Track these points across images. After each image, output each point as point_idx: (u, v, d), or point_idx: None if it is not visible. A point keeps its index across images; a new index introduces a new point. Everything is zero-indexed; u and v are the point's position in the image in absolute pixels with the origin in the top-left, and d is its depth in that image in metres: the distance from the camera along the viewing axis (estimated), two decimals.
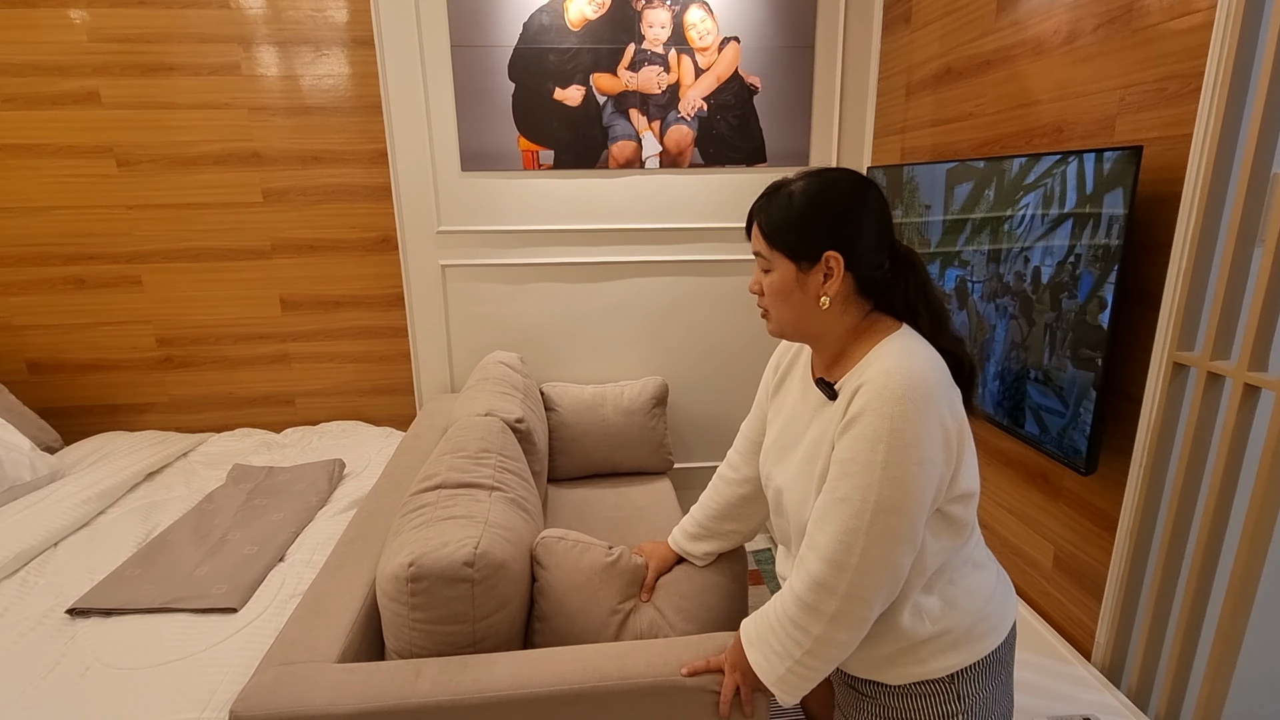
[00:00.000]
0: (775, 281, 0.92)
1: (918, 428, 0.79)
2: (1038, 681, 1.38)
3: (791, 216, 0.89)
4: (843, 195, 0.89)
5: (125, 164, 2.35)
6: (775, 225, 0.90)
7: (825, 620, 0.84)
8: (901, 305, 0.93)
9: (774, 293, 0.92)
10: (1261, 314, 1.08)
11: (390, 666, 1.08)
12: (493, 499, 1.34)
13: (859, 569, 0.81)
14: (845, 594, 0.82)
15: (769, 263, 0.92)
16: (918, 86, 2.12)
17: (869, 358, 0.87)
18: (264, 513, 1.84)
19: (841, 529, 0.81)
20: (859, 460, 0.80)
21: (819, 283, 0.89)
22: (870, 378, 0.83)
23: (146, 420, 2.59)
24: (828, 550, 0.82)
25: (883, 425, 0.79)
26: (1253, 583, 1.12)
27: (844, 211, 0.88)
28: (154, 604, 1.45)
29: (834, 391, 0.90)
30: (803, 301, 0.91)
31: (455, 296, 2.48)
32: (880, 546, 0.80)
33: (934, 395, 0.81)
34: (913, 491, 0.80)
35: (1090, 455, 1.33)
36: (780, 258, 0.91)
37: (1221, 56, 1.11)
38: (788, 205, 0.90)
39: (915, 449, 0.79)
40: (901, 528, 0.80)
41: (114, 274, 2.44)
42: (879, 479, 0.79)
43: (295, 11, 2.29)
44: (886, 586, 0.83)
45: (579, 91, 2.32)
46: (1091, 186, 1.29)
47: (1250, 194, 1.10)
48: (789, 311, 0.92)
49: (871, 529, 0.80)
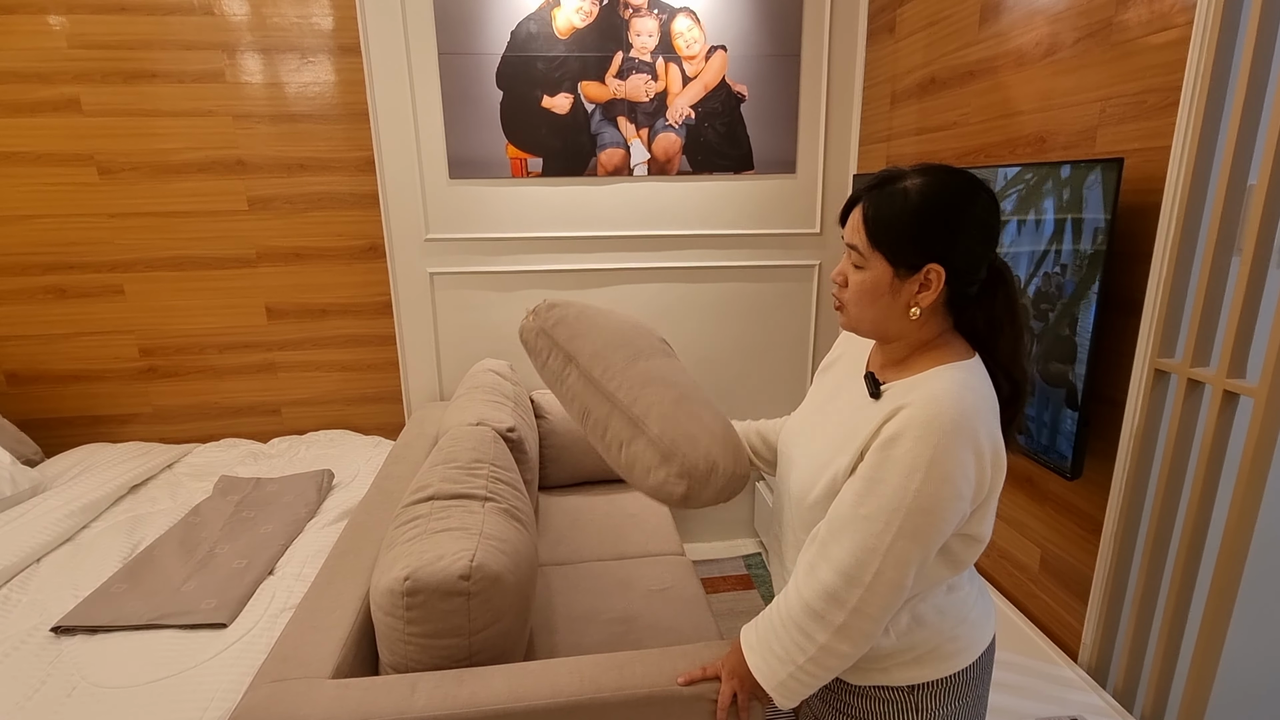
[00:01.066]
0: (866, 281, 0.85)
1: (957, 463, 0.78)
2: (1025, 683, 1.40)
3: (903, 218, 0.82)
4: (960, 203, 0.81)
5: (107, 172, 2.32)
6: (883, 222, 0.83)
7: (831, 631, 0.84)
8: (983, 323, 0.87)
9: (862, 292, 0.86)
10: (1239, 322, 1.10)
11: (386, 682, 1.07)
12: (486, 510, 1.34)
13: (871, 587, 0.81)
14: (854, 609, 0.82)
15: (864, 260, 0.85)
16: (902, 95, 2.15)
17: (924, 376, 0.84)
18: (252, 525, 1.83)
19: (860, 546, 0.81)
20: (891, 483, 0.79)
21: (912, 292, 0.84)
22: (918, 401, 0.80)
23: (130, 431, 2.55)
24: (844, 564, 0.82)
25: (924, 454, 0.77)
26: (1233, 584, 1.14)
27: (957, 222, 0.81)
28: (141, 620, 1.43)
29: (879, 391, 0.88)
30: (890, 306, 0.85)
31: (444, 304, 2.47)
32: (895, 569, 0.80)
33: (979, 435, 0.79)
34: (937, 523, 0.79)
35: (1075, 460, 1.36)
36: (879, 259, 0.84)
37: (1199, 70, 1.14)
38: (901, 203, 0.82)
39: (950, 484, 0.78)
40: (918, 555, 0.80)
41: (95, 283, 2.41)
42: (909, 505, 0.78)
43: (280, 18, 2.27)
44: (893, 607, 0.83)
45: (567, 99, 2.32)
46: (1074, 197, 1.31)
47: (1228, 204, 1.13)
48: (872, 313, 0.87)
49: (890, 551, 0.80)
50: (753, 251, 2.54)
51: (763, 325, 2.62)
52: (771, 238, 2.53)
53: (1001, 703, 1.35)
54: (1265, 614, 1.32)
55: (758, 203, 2.49)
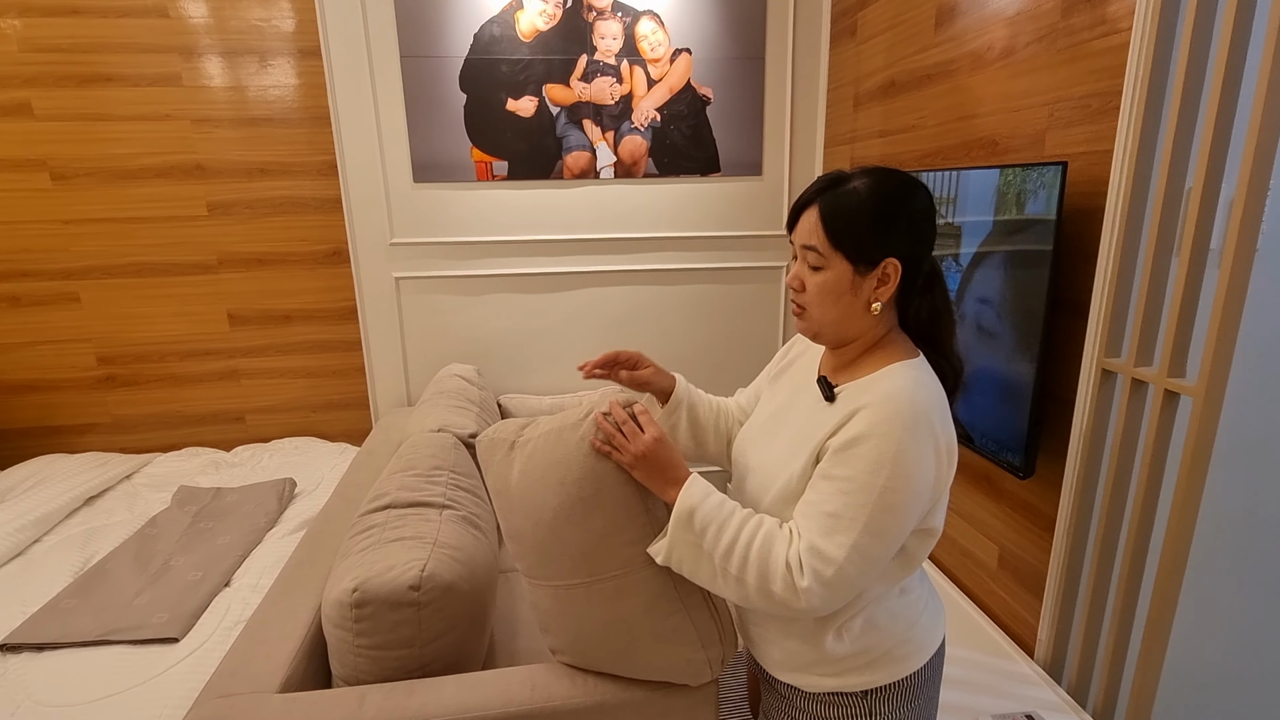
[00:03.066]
0: (827, 281, 0.85)
1: (918, 459, 0.79)
2: (983, 679, 1.42)
3: (861, 215, 0.83)
4: (912, 200, 0.84)
5: (60, 177, 2.27)
6: (841, 222, 0.83)
7: (764, 598, 0.82)
8: (928, 314, 0.90)
9: (823, 293, 0.86)
10: (1178, 323, 1.13)
11: (334, 694, 1.06)
12: (444, 518, 1.33)
13: (830, 583, 0.80)
14: (801, 594, 0.81)
15: (823, 260, 0.85)
16: (865, 98, 2.17)
17: (877, 376, 0.85)
18: (210, 536, 1.79)
19: (829, 542, 0.80)
20: (858, 480, 0.79)
21: (872, 287, 0.85)
22: (876, 400, 0.81)
23: (88, 442, 2.50)
24: (805, 556, 0.81)
25: (888, 450, 0.78)
26: (1177, 578, 1.16)
27: (912, 217, 0.84)
28: (90, 636, 1.40)
29: (832, 394, 0.89)
30: (852, 304, 0.86)
31: (410, 309, 2.45)
32: (856, 567, 0.80)
33: (936, 430, 0.81)
34: (900, 520, 0.80)
35: (1028, 460, 1.38)
36: (839, 258, 0.84)
37: (1138, 75, 1.16)
38: (857, 202, 0.83)
39: (912, 480, 0.79)
40: (880, 553, 0.80)
41: (50, 291, 2.35)
42: (874, 503, 0.78)
43: (238, 21, 2.24)
44: (839, 603, 0.83)
45: (532, 102, 2.31)
46: (1022, 199, 1.33)
47: (1166, 207, 1.15)
48: (834, 313, 0.87)
49: (855, 549, 0.79)
50: (720, 253, 2.55)
51: (731, 327, 2.63)
52: (738, 239, 2.54)
53: (959, 700, 1.36)
54: (1208, 606, 1.35)
55: (724, 205, 2.50)
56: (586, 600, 0.98)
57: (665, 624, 0.99)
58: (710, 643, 1.01)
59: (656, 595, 0.97)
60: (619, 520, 0.94)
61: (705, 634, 1.01)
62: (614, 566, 0.95)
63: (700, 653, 1.01)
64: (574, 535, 0.95)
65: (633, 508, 0.94)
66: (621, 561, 0.95)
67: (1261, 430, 1.28)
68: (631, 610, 0.97)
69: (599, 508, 0.93)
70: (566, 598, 0.99)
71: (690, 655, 1.01)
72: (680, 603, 0.98)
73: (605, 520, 0.94)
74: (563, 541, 0.96)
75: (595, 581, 0.97)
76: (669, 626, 0.99)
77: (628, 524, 0.94)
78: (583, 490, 0.93)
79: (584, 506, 0.93)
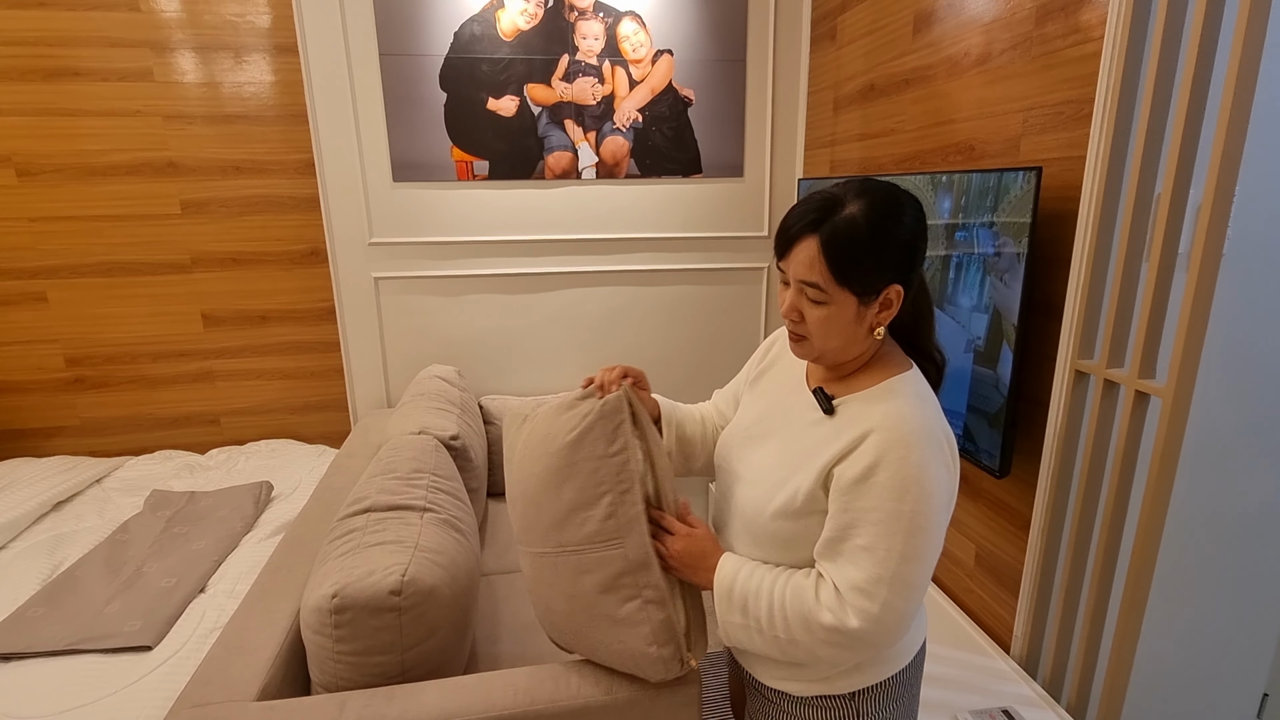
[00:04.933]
0: (832, 316, 0.82)
1: (937, 476, 0.79)
2: (961, 676, 1.44)
3: (865, 251, 0.79)
4: (909, 223, 0.82)
5: (26, 174, 2.21)
6: (845, 259, 0.79)
7: (825, 648, 0.82)
8: (911, 315, 0.90)
9: (826, 325, 0.83)
10: (1148, 325, 1.15)
11: (312, 702, 1.04)
12: (424, 521, 1.32)
13: (879, 619, 0.78)
14: (859, 638, 0.80)
15: (826, 296, 0.81)
16: (844, 101, 2.19)
17: (877, 391, 0.84)
18: (184, 541, 1.76)
19: (866, 578, 0.79)
20: (884, 509, 0.78)
21: (874, 314, 0.84)
22: (886, 423, 0.80)
23: (55, 445, 2.44)
24: (849, 598, 0.80)
25: (909, 474, 0.77)
26: (1147, 575, 1.19)
27: (908, 238, 0.82)
28: (59, 646, 1.37)
29: (832, 407, 0.87)
30: (855, 332, 0.84)
31: (389, 309, 2.42)
32: (900, 595, 0.78)
33: (944, 443, 0.81)
34: (932, 540, 0.79)
35: (1003, 460, 1.40)
36: (844, 294, 0.81)
37: (1109, 84, 1.19)
38: (859, 235, 0.79)
39: (935, 497, 0.78)
40: (920, 577, 0.79)
41: (15, 290, 2.29)
42: (905, 528, 0.77)
43: (212, 16, 2.20)
44: (898, 636, 0.82)
45: (513, 102, 2.30)
46: (998, 204, 1.35)
47: (1137, 212, 1.18)
48: (837, 341, 0.85)
49: (896, 578, 0.78)
50: (702, 254, 2.55)
51: (712, 327, 2.64)
52: (720, 240, 2.55)
53: (938, 696, 1.38)
54: (1178, 603, 1.39)
55: (706, 206, 2.51)
56: (554, 571, 1.00)
57: (620, 610, 0.96)
58: (665, 640, 0.96)
59: (615, 578, 0.95)
60: (588, 495, 0.95)
61: (659, 630, 0.96)
62: (578, 540, 0.97)
63: (653, 648, 0.97)
64: (548, 503, 0.98)
65: (602, 485, 0.95)
66: (585, 536, 0.96)
67: (1228, 430, 1.32)
68: (590, 588, 0.97)
69: (571, 479, 0.96)
70: (539, 564, 1.02)
71: (643, 649, 0.97)
72: (637, 592, 0.95)
73: (575, 493, 0.96)
74: (539, 508, 0.99)
75: (561, 552, 0.98)
76: (624, 613, 0.96)
77: (595, 500, 0.95)
78: (559, 460, 0.96)
79: (558, 476, 0.96)
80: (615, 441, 0.94)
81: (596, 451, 0.94)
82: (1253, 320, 1.27)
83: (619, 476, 0.94)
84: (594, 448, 0.94)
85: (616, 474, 0.94)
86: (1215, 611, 1.41)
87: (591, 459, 0.94)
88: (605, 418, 0.95)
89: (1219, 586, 1.40)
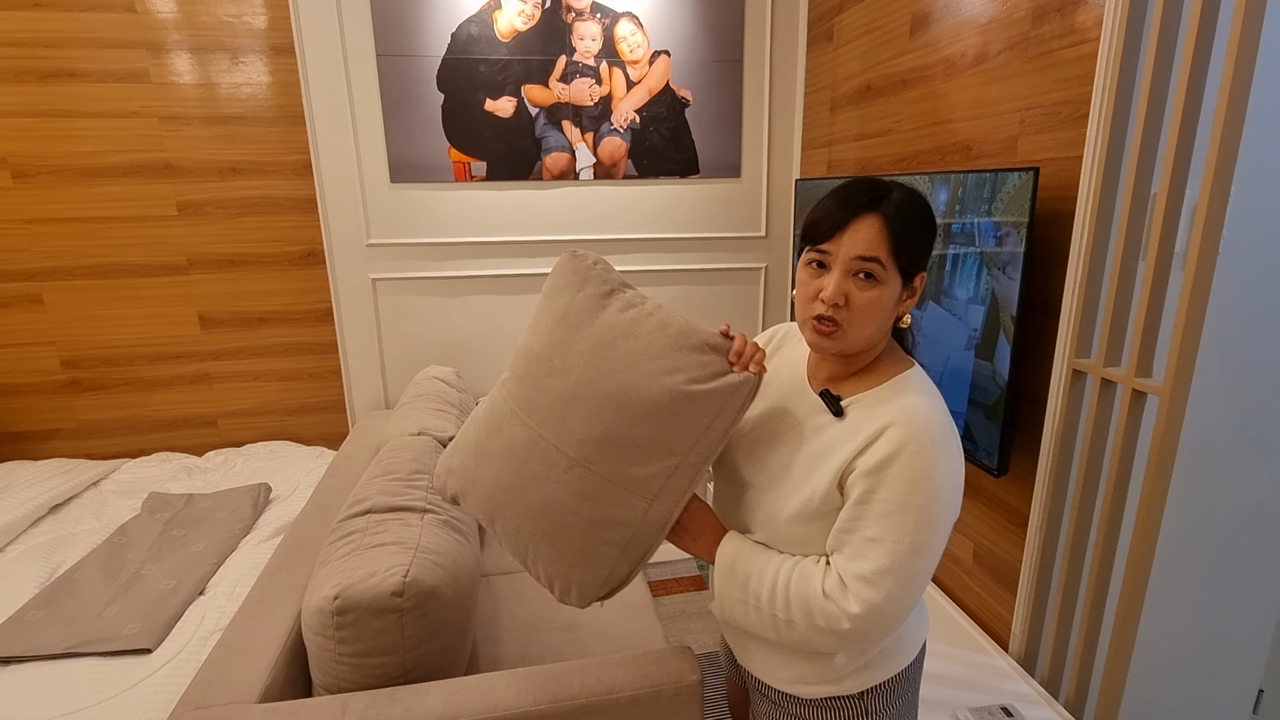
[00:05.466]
0: (881, 297, 0.81)
1: (950, 471, 0.79)
2: (959, 674, 1.45)
3: (919, 230, 0.81)
4: (931, 212, 0.85)
5: (21, 175, 2.20)
6: (907, 235, 0.80)
7: (817, 635, 0.82)
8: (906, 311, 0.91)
9: (873, 309, 0.81)
10: (1145, 324, 1.16)
11: (316, 703, 1.04)
12: (425, 522, 1.32)
13: (880, 609, 0.79)
14: (857, 628, 0.80)
15: (884, 275, 0.80)
16: (841, 102, 2.19)
17: (888, 389, 0.85)
18: (182, 544, 1.76)
19: (873, 569, 0.79)
20: (895, 501, 0.78)
21: (903, 301, 0.85)
22: (902, 417, 0.80)
23: (52, 448, 2.43)
24: (853, 586, 0.80)
25: (923, 468, 0.78)
26: (1144, 573, 1.20)
27: (935, 228, 0.86)
28: (58, 649, 1.36)
29: (841, 409, 0.87)
30: (889, 318, 0.85)
31: (387, 310, 2.42)
32: (904, 589, 0.79)
33: (954, 438, 0.82)
34: (939, 536, 0.79)
35: (1001, 458, 1.41)
36: (895, 273, 0.81)
37: (1106, 84, 1.20)
38: (915, 214, 0.81)
39: (946, 492, 0.79)
40: (924, 571, 0.79)
41: (10, 293, 2.28)
42: (915, 521, 0.78)
43: (209, 17, 2.19)
44: (894, 628, 0.82)
45: (510, 103, 2.30)
46: (996, 204, 1.36)
47: (1133, 212, 1.19)
48: (874, 326, 0.83)
49: (901, 571, 0.78)
50: (700, 255, 2.56)
51: (709, 327, 2.64)
52: (718, 241, 2.56)
53: (936, 694, 1.39)
54: (1175, 600, 1.39)
55: (704, 207, 2.51)
56: (554, 472, 0.88)
57: (593, 546, 0.88)
58: (602, 585, 0.90)
59: (616, 524, 0.88)
60: (664, 446, 0.86)
61: (609, 578, 0.90)
62: (613, 472, 0.86)
63: (591, 585, 0.89)
64: (612, 420, 0.86)
65: (687, 448, 0.86)
66: (625, 475, 0.86)
67: (1224, 428, 1.33)
68: (581, 514, 0.87)
69: (660, 422, 0.85)
70: (543, 453, 0.89)
71: (582, 577, 0.89)
72: (623, 543, 0.88)
73: (653, 435, 0.85)
74: (598, 411, 0.86)
75: (583, 468, 0.87)
76: (593, 550, 0.88)
77: (666, 454, 0.86)
78: (663, 398, 0.85)
79: (648, 409, 0.85)
80: (728, 421, 0.87)
81: (706, 419, 0.87)
82: (1248, 319, 1.29)
83: (706, 451, 0.88)
84: (707, 414, 0.86)
85: (707, 448, 0.88)
86: (1211, 608, 1.42)
87: (697, 422, 0.86)
88: (738, 396, 0.87)
89: (1215, 583, 1.41)
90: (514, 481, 0.91)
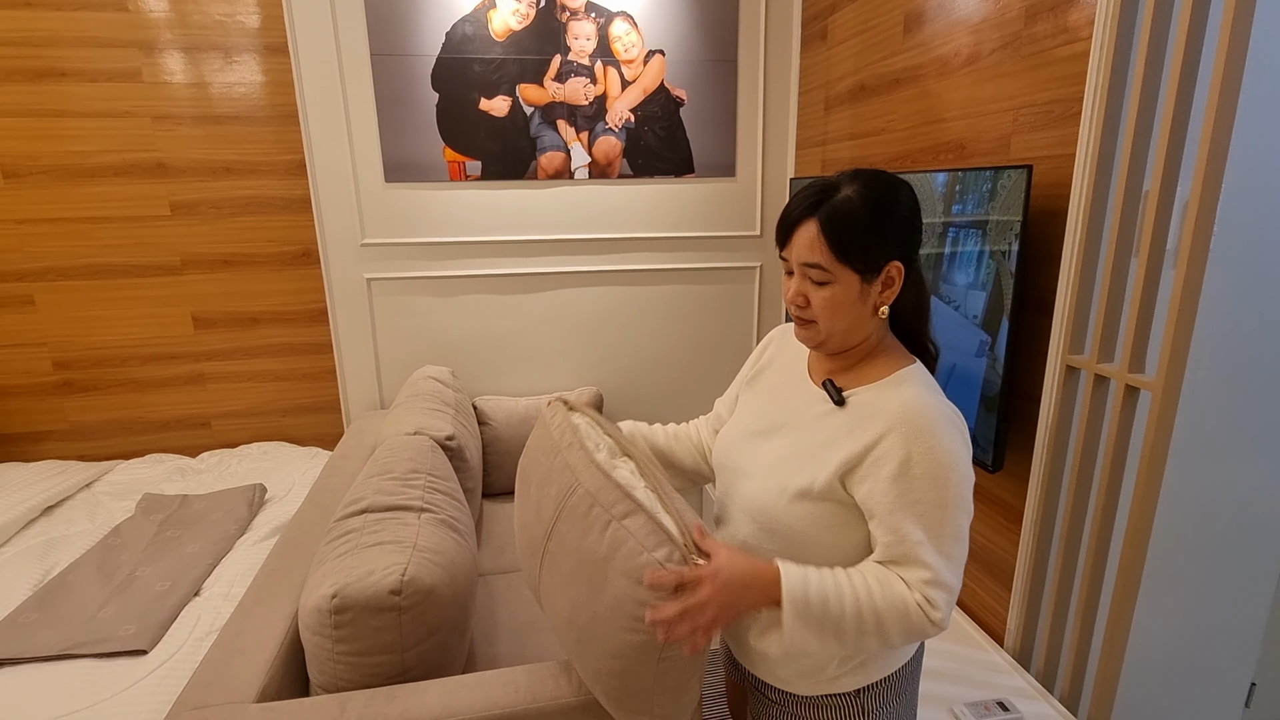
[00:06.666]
0: (835, 295, 0.85)
1: (963, 454, 0.82)
2: (955, 669, 1.46)
3: (863, 225, 0.82)
4: (904, 200, 0.85)
5: (12, 176, 2.18)
6: (844, 233, 0.82)
7: (904, 638, 0.83)
8: (912, 306, 0.92)
9: (834, 306, 0.85)
10: (1138, 320, 1.17)
11: (314, 703, 1.04)
12: (422, 521, 1.32)
13: (950, 601, 0.83)
14: (940, 623, 0.83)
15: (830, 275, 0.84)
16: (835, 101, 2.20)
17: (888, 384, 0.86)
18: (177, 545, 1.75)
19: (929, 566, 0.82)
20: (927, 499, 0.80)
21: (878, 292, 0.86)
22: (904, 415, 0.82)
23: (44, 450, 2.41)
24: (920, 588, 0.82)
25: (943, 459, 0.80)
26: (1138, 568, 1.21)
27: (904, 216, 0.85)
28: (52, 651, 1.35)
29: (842, 398, 0.89)
30: (860, 313, 0.87)
31: (382, 310, 2.42)
32: (955, 575, 0.82)
33: (957, 423, 0.84)
34: (969, 514, 0.83)
35: (996, 455, 1.42)
36: (846, 270, 0.84)
37: (1098, 82, 1.21)
38: (856, 211, 0.82)
39: (966, 475, 0.82)
40: (965, 553, 0.84)
41: (2, 294, 2.26)
42: (949, 513, 0.81)
43: (202, 16, 2.18)
44: (949, 607, 0.84)
45: (505, 102, 2.30)
46: (989, 202, 1.37)
47: (1126, 208, 1.20)
48: (844, 323, 0.87)
49: (951, 559, 0.82)
50: (695, 254, 2.56)
51: (705, 327, 2.65)
52: (713, 240, 2.56)
53: (934, 689, 1.39)
54: (1168, 594, 1.41)
55: (698, 206, 2.52)
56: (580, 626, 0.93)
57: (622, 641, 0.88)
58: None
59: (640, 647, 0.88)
60: (624, 609, 0.87)
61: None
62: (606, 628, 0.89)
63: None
64: (584, 604, 0.91)
65: (639, 607, 0.85)
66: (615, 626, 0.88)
67: (1217, 423, 1.34)
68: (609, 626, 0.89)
69: (604, 589, 0.89)
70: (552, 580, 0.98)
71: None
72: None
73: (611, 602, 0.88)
74: (575, 608, 0.93)
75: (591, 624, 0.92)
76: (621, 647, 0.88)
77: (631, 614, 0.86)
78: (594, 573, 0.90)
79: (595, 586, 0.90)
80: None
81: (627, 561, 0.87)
82: (1240, 314, 1.30)
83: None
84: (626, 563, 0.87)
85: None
86: (1204, 602, 1.43)
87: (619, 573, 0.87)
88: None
89: (1208, 577, 1.42)
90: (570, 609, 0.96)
